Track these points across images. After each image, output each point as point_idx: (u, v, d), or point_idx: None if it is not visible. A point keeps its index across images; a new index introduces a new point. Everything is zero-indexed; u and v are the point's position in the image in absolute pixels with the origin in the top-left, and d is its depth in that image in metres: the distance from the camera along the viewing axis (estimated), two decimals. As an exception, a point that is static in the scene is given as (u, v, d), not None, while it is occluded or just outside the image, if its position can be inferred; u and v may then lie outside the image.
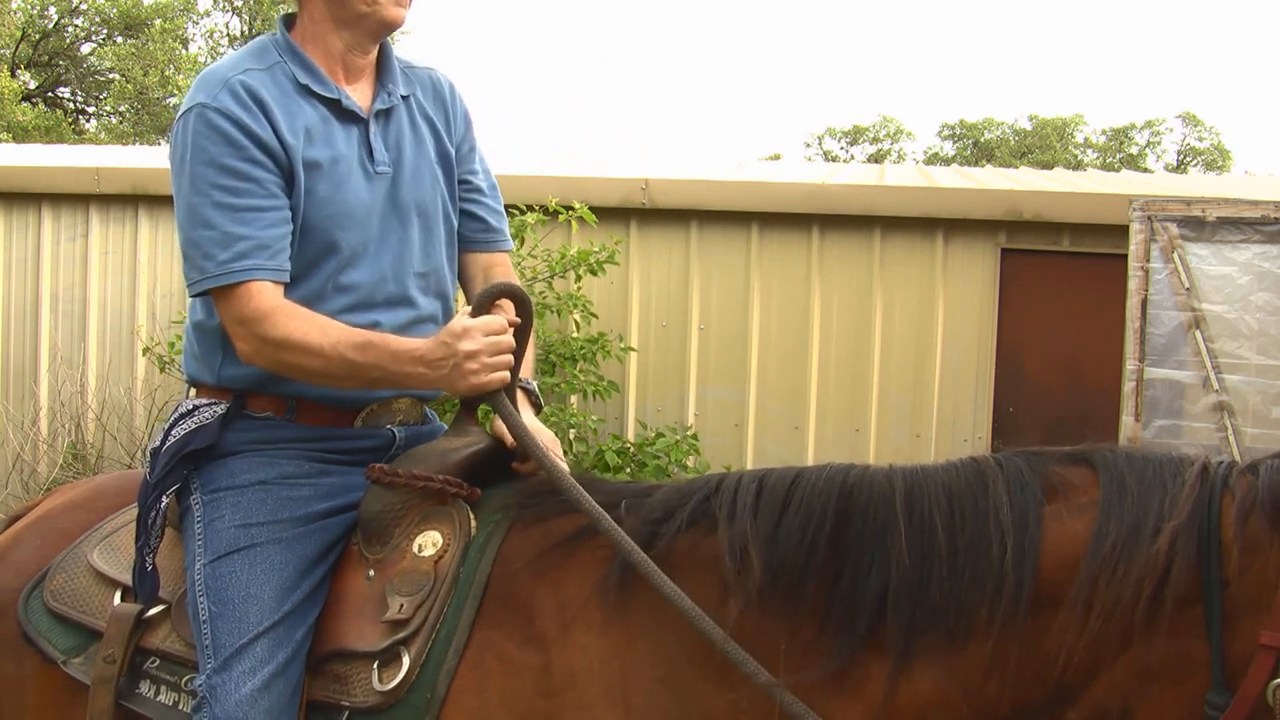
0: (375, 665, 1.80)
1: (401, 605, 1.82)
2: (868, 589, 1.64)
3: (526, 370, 2.16)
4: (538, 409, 2.16)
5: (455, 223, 2.23)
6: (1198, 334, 5.60)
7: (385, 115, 2.11)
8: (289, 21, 2.12)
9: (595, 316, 6.59)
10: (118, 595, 2.05)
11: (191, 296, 2.01)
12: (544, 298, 6.43)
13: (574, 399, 6.64)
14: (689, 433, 6.56)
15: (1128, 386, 5.69)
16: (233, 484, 1.98)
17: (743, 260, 6.97)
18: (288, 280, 1.96)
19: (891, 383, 6.83)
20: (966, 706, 1.61)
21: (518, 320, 1.98)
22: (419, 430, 2.17)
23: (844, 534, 1.68)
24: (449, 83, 2.27)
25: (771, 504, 1.73)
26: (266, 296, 1.92)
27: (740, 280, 6.97)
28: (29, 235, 7.77)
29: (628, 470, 6.19)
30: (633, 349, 6.85)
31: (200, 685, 1.86)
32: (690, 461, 6.31)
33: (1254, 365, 5.56)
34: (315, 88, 2.03)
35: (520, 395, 2.11)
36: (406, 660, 1.79)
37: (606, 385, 6.37)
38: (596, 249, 6.41)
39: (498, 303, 2.00)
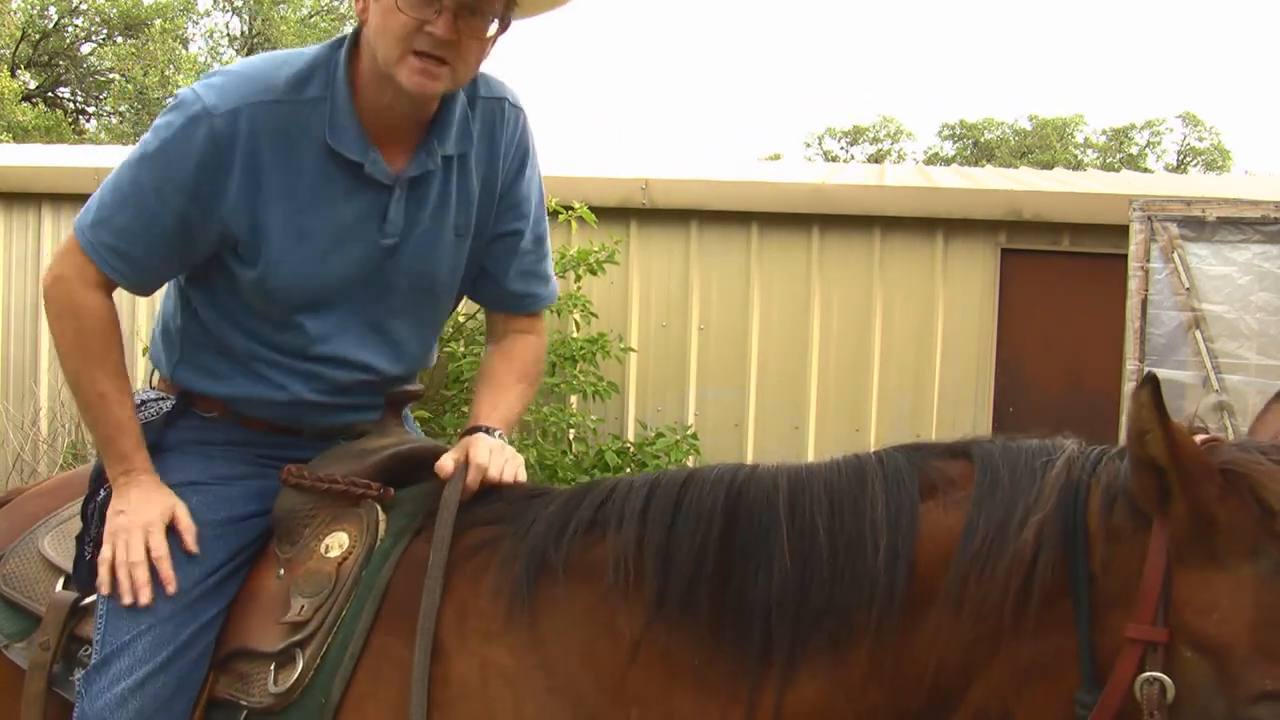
0: (272, 666, 1.78)
1: (302, 606, 1.79)
2: (755, 595, 1.57)
3: (495, 419, 2.04)
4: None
5: (459, 288, 2.10)
6: (1198, 334, 5.60)
7: (417, 181, 1.93)
8: (357, 39, 1.90)
9: (595, 316, 6.59)
10: (60, 582, 2.05)
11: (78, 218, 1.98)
12: (544, 298, 6.42)
13: (574, 399, 6.64)
14: (689, 433, 6.56)
15: (1128, 386, 5.70)
16: (163, 480, 1.96)
17: (743, 260, 6.97)
18: (124, 286, 1.95)
19: (891, 383, 6.83)
20: (852, 715, 1.55)
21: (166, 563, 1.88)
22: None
23: (732, 538, 1.62)
24: (508, 116, 2.02)
25: (662, 509, 1.67)
26: (97, 286, 1.91)
27: (740, 280, 6.97)
28: (29, 235, 7.77)
29: (628, 470, 6.19)
30: (632, 349, 6.85)
31: (79, 680, 1.85)
32: (690, 461, 6.30)
33: (1254, 365, 5.56)
34: (339, 148, 1.86)
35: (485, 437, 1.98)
36: (300, 662, 1.75)
37: (606, 385, 6.37)
38: (596, 249, 6.41)
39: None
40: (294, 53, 1.93)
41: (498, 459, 1.92)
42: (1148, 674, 1.39)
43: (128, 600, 1.82)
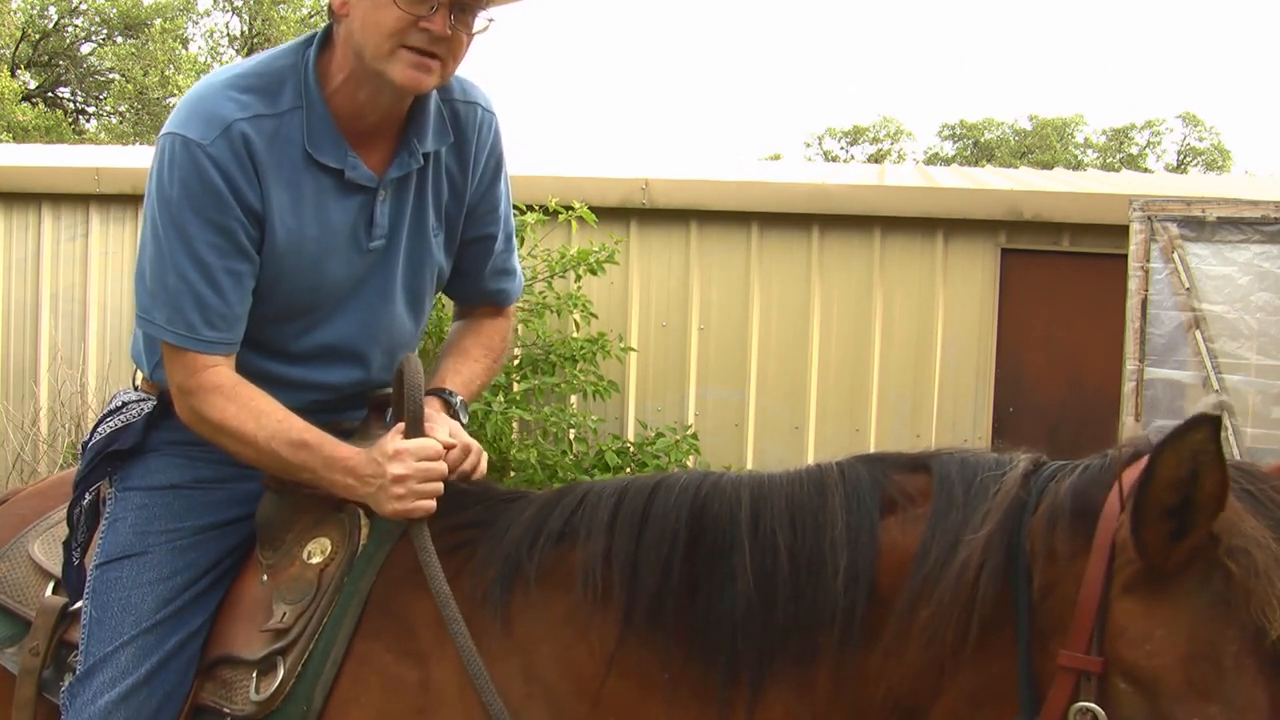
0: (255, 674, 1.77)
1: (284, 613, 1.78)
2: (720, 611, 1.56)
3: (457, 384, 2.03)
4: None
5: (444, 279, 2.09)
6: (1198, 334, 5.60)
7: (400, 182, 1.92)
8: (328, 37, 1.86)
9: (595, 316, 6.59)
10: (50, 586, 2.04)
11: (138, 320, 1.90)
12: (544, 298, 6.43)
13: (574, 399, 6.64)
14: (689, 433, 6.56)
15: (1128, 386, 5.70)
16: (145, 484, 1.94)
17: (743, 260, 6.97)
18: (237, 351, 1.87)
19: (891, 383, 6.83)
20: None
21: (454, 443, 1.86)
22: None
23: (695, 553, 1.60)
24: (482, 121, 2.00)
25: (628, 521, 1.65)
26: (215, 373, 1.82)
27: (740, 280, 6.97)
28: (29, 235, 7.77)
29: (628, 470, 6.19)
30: (633, 349, 6.85)
31: (63, 693, 1.84)
32: (690, 461, 6.31)
33: (1254, 365, 5.56)
34: (319, 157, 1.83)
35: (437, 402, 1.97)
36: (281, 670, 1.74)
37: (606, 385, 6.37)
38: (596, 249, 6.41)
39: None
40: (258, 63, 1.88)
41: (459, 445, 1.87)
42: (1080, 704, 1.35)
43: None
